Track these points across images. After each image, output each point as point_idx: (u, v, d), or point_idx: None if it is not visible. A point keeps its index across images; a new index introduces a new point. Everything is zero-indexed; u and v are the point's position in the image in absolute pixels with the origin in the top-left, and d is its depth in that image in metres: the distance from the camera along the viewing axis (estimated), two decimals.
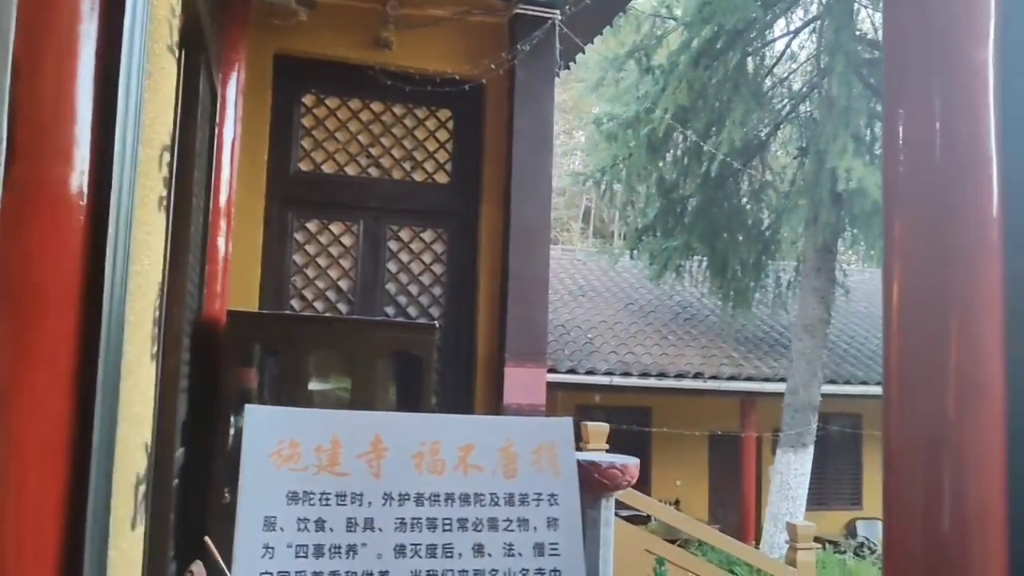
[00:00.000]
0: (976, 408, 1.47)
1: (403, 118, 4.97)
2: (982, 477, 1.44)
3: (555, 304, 13.12)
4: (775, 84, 11.63)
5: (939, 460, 1.46)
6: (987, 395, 1.48)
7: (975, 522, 1.42)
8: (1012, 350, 1.50)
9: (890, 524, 1.55)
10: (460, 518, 2.06)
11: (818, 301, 10.23)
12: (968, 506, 1.42)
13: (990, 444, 1.46)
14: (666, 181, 11.43)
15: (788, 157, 12.62)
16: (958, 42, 1.60)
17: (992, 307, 1.53)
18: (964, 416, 1.46)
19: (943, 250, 1.56)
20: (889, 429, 1.56)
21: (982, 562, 1.42)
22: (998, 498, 1.43)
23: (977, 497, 1.43)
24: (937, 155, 1.60)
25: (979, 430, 1.46)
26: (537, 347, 4.86)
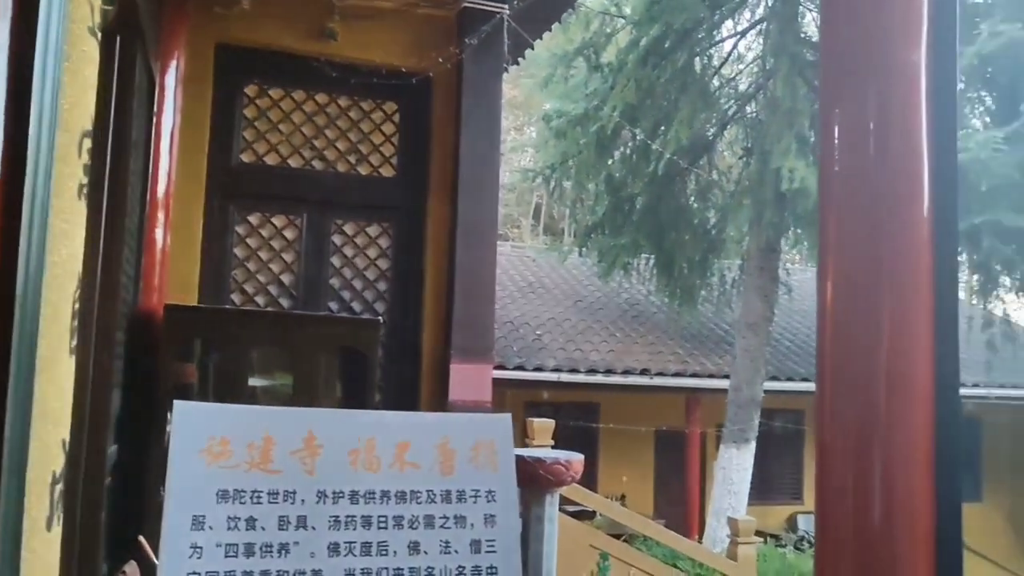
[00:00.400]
0: (905, 403, 1.51)
1: (348, 110, 4.90)
2: (910, 470, 1.48)
3: (504, 301, 13.12)
4: (722, 84, 11.77)
5: (870, 453, 1.50)
6: (916, 390, 1.51)
7: (903, 513, 1.46)
8: (939, 346, 1.54)
9: (823, 516, 1.58)
10: (396, 516, 2.03)
11: (761, 299, 10.39)
12: (897, 498, 1.47)
13: (918, 438, 1.49)
14: (615, 179, 11.49)
15: (734, 157, 12.79)
16: (892, 46, 1.63)
17: (922, 304, 1.56)
18: (894, 411, 1.50)
19: (876, 249, 1.59)
20: (822, 423, 1.60)
21: (910, 552, 1.46)
22: (925, 490, 1.47)
23: (905, 489, 1.47)
24: (871, 156, 1.62)
25: (908, 424, 1.50)
26: (484, 344, 4.84)
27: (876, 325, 1.55)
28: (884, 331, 1.55)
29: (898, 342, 1.54)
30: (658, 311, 13.85)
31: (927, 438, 1.48)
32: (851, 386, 1.57)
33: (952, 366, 1.54)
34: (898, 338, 1.54)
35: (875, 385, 1.52)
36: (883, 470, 1.48)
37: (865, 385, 1.53)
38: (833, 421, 1.60)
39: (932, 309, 1.55)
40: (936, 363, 1.53)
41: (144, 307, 3.90)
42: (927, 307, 1.55)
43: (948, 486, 1.47)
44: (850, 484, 1.52)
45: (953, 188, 1.64)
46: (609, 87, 10.11)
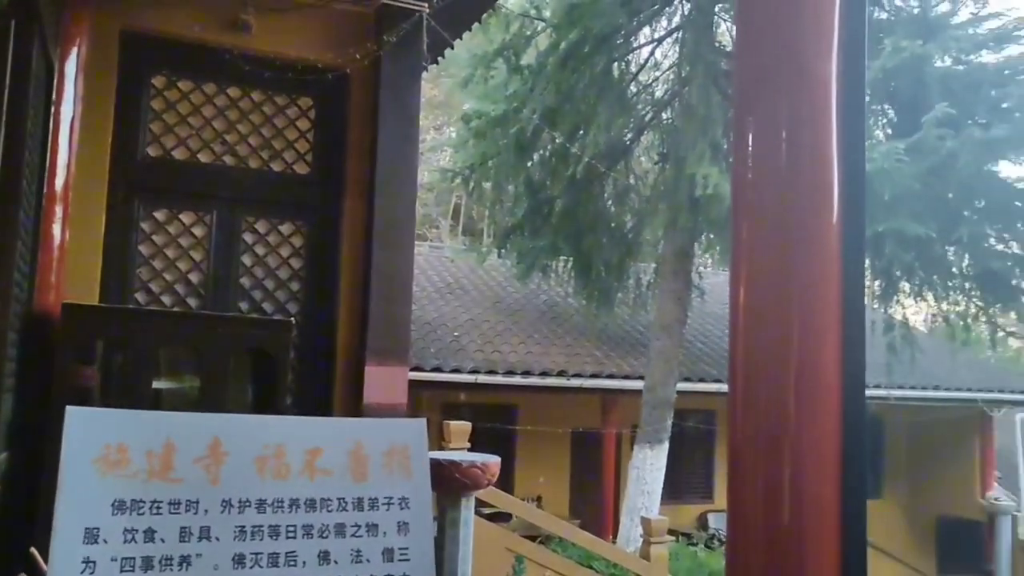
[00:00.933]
0: (814, 405, 1.53)
1: (262, 105, 4.77)
2: (819, 469, 1.50)
3: (421, 302, 13.02)
4: (639, 90, 11.93)
5: (780, 453, 1.51)
6: (825, 392, 1.53)
7: (812, 511, 1.48)
8: (847, 349, 1.57)
9: (734, 514, 1.60)
10: (305, 525, 1.97)
11: (675, 302, 10.57)
12: (805, 496, 1.48)
13: (826, 438, 1.51)
14: (534, 181, 11.52)
15: (650, 162, 12.99)
16: (804, 57, 1.65)
17: (831, 309, 1.58)
18: (803, 412, 1.52)
19: (787, 254, 1.60)
20: (735, 424, 1.61)
21: (817, 549, 1.48)
22: (833, 490, 1.49)
23: (814, 488, 1.49)
24: (783, 164, 1.64)
25: (817, 425, 1.52)
26: (400, 345, 4.77)
27: (787, 329, 1.57)
28: (794, 334, 1.57)
29: (808, 345, 1.56)
30: (576, 313, 13.95)
31: (835, 438, 1.51)
32: (762, 388, 1.59)
33: (859, 369, 1.57)
34: (808, 341, 1.56)
35: (785, 387, 1.54)
36: (792, 469, 1.50)
37: (776, 387, 1.55)
38: (745, 422, 1.61)
39: (840, 313, 1.58)
40: (843, 366, 1.56)
41: (39, 306, 3.70)
42: (835, 311, 1.57)
43: (854, 484, 1.50)
44: (761, 483, 1.54)
45: (861, 196, 1.67)
46: (529, 89, 10.14)
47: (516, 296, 14.43)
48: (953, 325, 10.28)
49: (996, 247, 9.32)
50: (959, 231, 8.71)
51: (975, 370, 15.30)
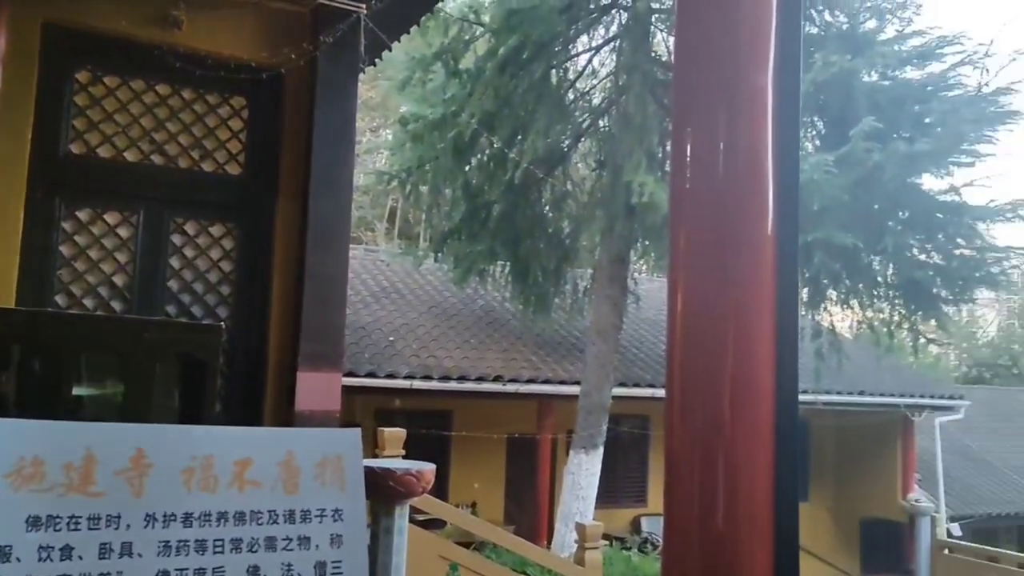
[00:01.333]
0: (749, 412, 1.54)
1: (192, 103, 4.64)
2: (753, 473, 1.51)
3: (356, 306, 12.86)
4: (577, 98, 12.02)
5: (715, 458, 1.52)
6: (759, 397, 1.54)
7: (746, 515, 1.49)
8: (780, 355, 1.58)
9: (670, 520, 1.60)
10: (234, 539, 1.90)
11: (611, 308, 10.66)
12: (740, 500, 1.50)
13: (760, 442, 1.52)
14: (472, 185, 11.49)
15: (588, 169, 13.09)
16: (741, 69, 1.66)
17: (765, 318, 1.59)
18: (738, 419, 1.53)
19: (723, 263, 1.61)
20: (671, 431, 1.61)
21: (751, 552, 1.49)
22: (766, 492, 1.51)
23: (748, 491, 1.50)
24: (720, 173, 1.65)
25: (751, 433, 1.53)
26: (334, 350, 4.68)
27: (723, 335, 1.58)
28: (730, 341, 1.58)
29: (743, 351, 1.57)
30: (512, 318, 13.96)
31: (768, 443, 1.52)
32: (699, 394, 1.59)
33: (792, 374, 1.59)
34: (743, 347, 1.57)
35: (721, 392, 1.55)
36: (727, 473, 1.51)
37: (712, 392, 1.56)
38: (682, 427, 1.61)
39: (775, 321, 1.60)
40: (777, 373, 1.57)
41: None
42: (770, 319, 1.59)
43: (787, 488, 1.52)
44: (697, 487, 1.54)
45: (795, 206, 1.69)
46: (467, 93, 10.11)
47: (452, 301, 14.37)
48: (877, 332, 10.59)
49: (918, 257, 9.65)
50: (884, 241, 8.98)
51: (897, 376, 15.81)
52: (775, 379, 1.58)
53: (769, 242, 1.64)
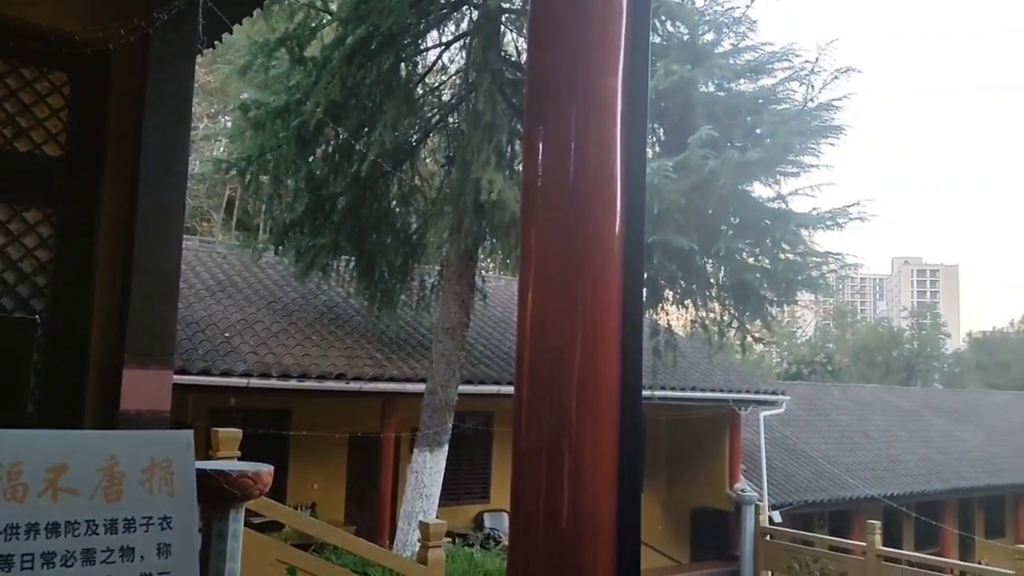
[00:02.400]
0: (595, 409, 1.55)
1: (5, 77, 4.24)
2: (597, 468, 1.53)
3: (189, 299, 12.25)
4: (426, 93, 11.93)
5: (561, 456, 1.53)
6: (605, 394, 1.57)
7: (590, 509, 1.51)
8: (626, 354, 1.61)
9: (516, 516, 1.60)
10: (46, 552, 1.72)
11: (459, 305, 10.66)
12: (584, 495, 1.51)
13: (605, 439, 1.55)
14: (316, 177, 11.17)
15: (436, 165, 13.04)
16: (591, 71, 1.68)
17: (612, 317, 1.62)
18: (584, 416, 1.54)
19: (572, 262, 1.62)
20: (519, 427, 1.62)
21: (593, 551, 1.51)
22: (609, 494, 1.53)
23: (592, 491, 1.52)
24: (570, 173, 1.66)
25: (597, 431, 1.55)
26: (164, 346, 4.42)
27: (571, 333, 1.59)
28: (578, 339, 1.59)
29: (591, 349, 1.58)
30: (357, 314, 13.72)
31: (613, 439, 1.55)
32: (547, 390, 1.60)
33: (636, 372, 1.62)
34: (591, 345, 1.59)
35: (568, 389, 1.56)
36: (573, 469, 1.52)
37: (560, 389, 1.57)
38: (529, 423, 1.61)
39: (621, 320, 1.62)
40: (623, 369, 1.59)
41: None
42: (616, 317, 1.61)
43: (630, 484, 1.55)
44: (543, 483, 1.55)
45: (641, 207, 1.72)
46: (313, 82, 9.81)
47: (294, 296, 13.93)
48: (709, 331, 11.14)
49: (747, 260, 10.22)
50: (717, 244, 9.45)
51: (727, 372, 16.74)
52: (621, 377, 1.60)
53: (617, 241, 1.66)
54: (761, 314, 10.80)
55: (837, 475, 19.70)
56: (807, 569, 14.59)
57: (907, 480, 20.98)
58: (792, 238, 9.94)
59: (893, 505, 19.16)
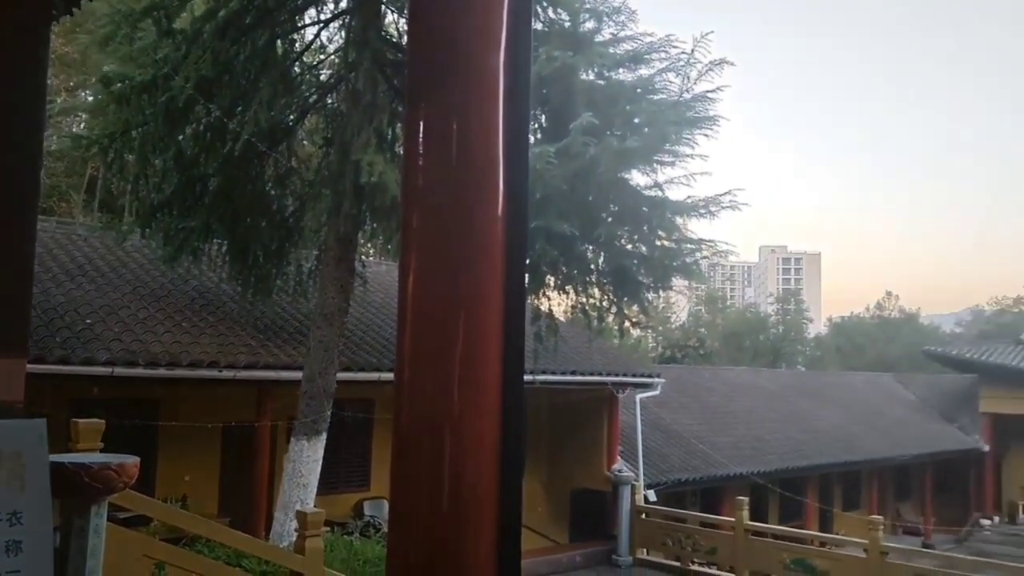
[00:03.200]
0: (477, 395, 1.54)
1: None
2: (479, 458, 1.53)
3: (46, 284, 11.54)
4: (304, 71, 11.60)
5: (442, 442, 1.51)
6: (487, 383, 1.56)
7: (472, 495, 1.51)
8: (508, 339, 1.59)
9: (396, 502, 1.58)
10: None
11: (338, 290, 10.45)
12: (465, 484, 1.51)
13: (487, 429, 1.54)
14: (186, 156, 10.67)
15: (314, 146, 12.71)
16: (473, 49, 1.65)
17: (494, 302, 1.59)
18: (466, 402, 1.53)
19: (454, 246, 1.59)
20: (400, 415, 1.59)
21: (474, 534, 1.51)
22: (491, 477, 1.53)
23: (473, 476, 1.51)
24: (453, 154, 1.63)
25: (478, 416, 1.54)
26: (16, 332, 4.10)
27: (453, 318, 1.58)
28: (460, 324, 1.57)
29: (472, 334, 1.57)
30: (230, 300, 13.24)
31: (494, 424, 1.54)
32: (428, 376, 1.57)
33: (519, 357, 1.61)
34: (473, 331, 1.57)
35: (450, 375, 1.54)
36: (454, 454, 1.51)
37: (441, 375, 1.55)
38: (410, 410, 1.59)
39: (503, 304, 1.60)
40: (504, 354, 1.58)
41: None
42: (498, 302, 1.60)
43: (511, 467, 1.54)
44: (424, 469, 1.53)
45: (524, 190, 1.71)
46: (183, 56, 9.34)
47: (162, 281, 13.30)
48: (589, 316, 11.34)
49: (626, 247, 10.45)
50: (598, 231, 9.61)
51: (605, 356, 17.11)
52: (503, 362, 1.59)
53: (499, 225, 1.64)
54: (638, 299, 11.07)
55: (708, 454, 20.53)
56: (680, 545, 15.16)
57: (773, 458, 22.09)
58: (668, 225, 10.21)
59: (760, 482, 20.15)
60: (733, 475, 19.94)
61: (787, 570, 13.81)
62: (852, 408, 29.78)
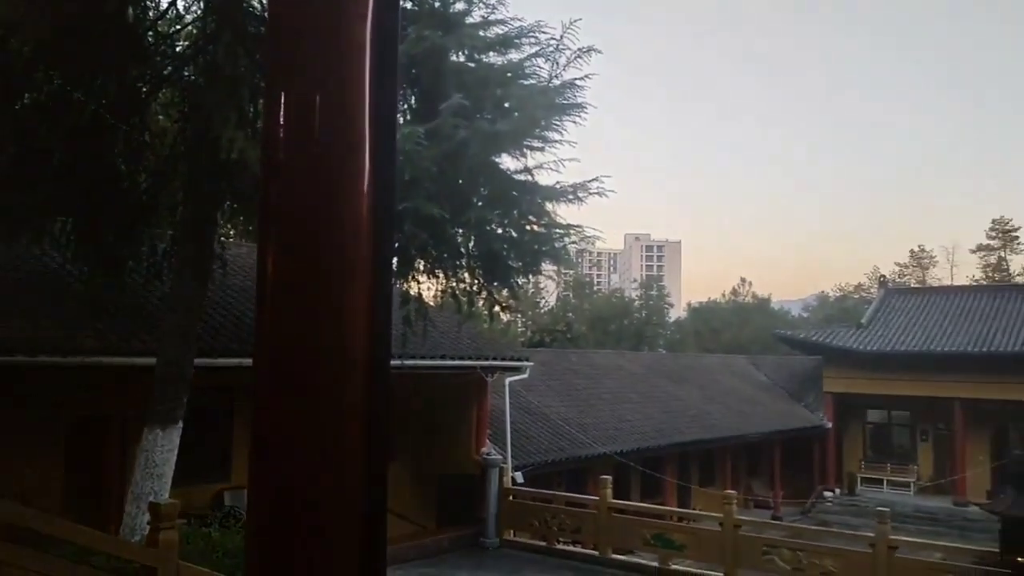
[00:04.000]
0: (342, 381, 1.48)
1: None
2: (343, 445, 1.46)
3: None
4: (158, 41, 10.94)
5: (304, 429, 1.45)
6: (352, 369, 1.49)
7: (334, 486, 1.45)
8: (375, 323, 1.53)
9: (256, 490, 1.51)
10: None
11: (195, 273, 9.98)
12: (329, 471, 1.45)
13: (352, 415, 1.48)
14: (25, 126, 9.87)
15: (169, 120, 12.03)
16: (339, 21, 1.57)
17: (360, 284, 1.53)
18: (331, 388, 1.47)
19: (317, 225, 1.52)
20: (261, 401, 1.52)
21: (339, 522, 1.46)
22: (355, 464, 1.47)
23: (337, 463, 1.45)
24: (316, 129, 1.54)
25: (344, 401, 1.47)
26: None
27: (315, 301, 1.50)
28: (323, 307, 1.50)
29: (337, 318, 1.50)
30: (76, 282, 12.41)
31: (361, 409, 1.49)
32: (290, 361, 1.49)
33: (385, 341, 1.56)
34: (337, 314, 1.51)
35: (313, 360, 1.48)
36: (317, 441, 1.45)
37: (304, 360, 1.48)
38: (271, 396, 1.51)
39: (369, 286, 1.55)
40: (371, 338, 1.53)
41: None
42: (365, 284, 1.55)
43: (377, 453, 1.51)
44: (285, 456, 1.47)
45: (392, 167, 1.66)
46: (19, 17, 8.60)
47: None
48: (459, 300, 11.30)
49: (496, 231, 10.44)
50: (468, 214, 9.56)
51: (475, 341, 17.17)
52: (369, 346, 1.54)
53: (365, 203, 1.58)
54: (508, 283, 11.11)
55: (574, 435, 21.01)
56: (546, 525, 15.43)
57: (635, 437, 22.86)
58: (538, 210, 10.28)
59: (623, 460, 20.79)
60: (598, 455, 20.52)
61: (648, 545, 14.31)
62: (709, 389, 31.22)
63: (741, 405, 30.42)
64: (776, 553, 13.14)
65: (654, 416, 25.44)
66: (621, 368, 29.81)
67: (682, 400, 28.31)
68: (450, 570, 14.00)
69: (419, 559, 14.32)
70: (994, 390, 29.08)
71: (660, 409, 26.43)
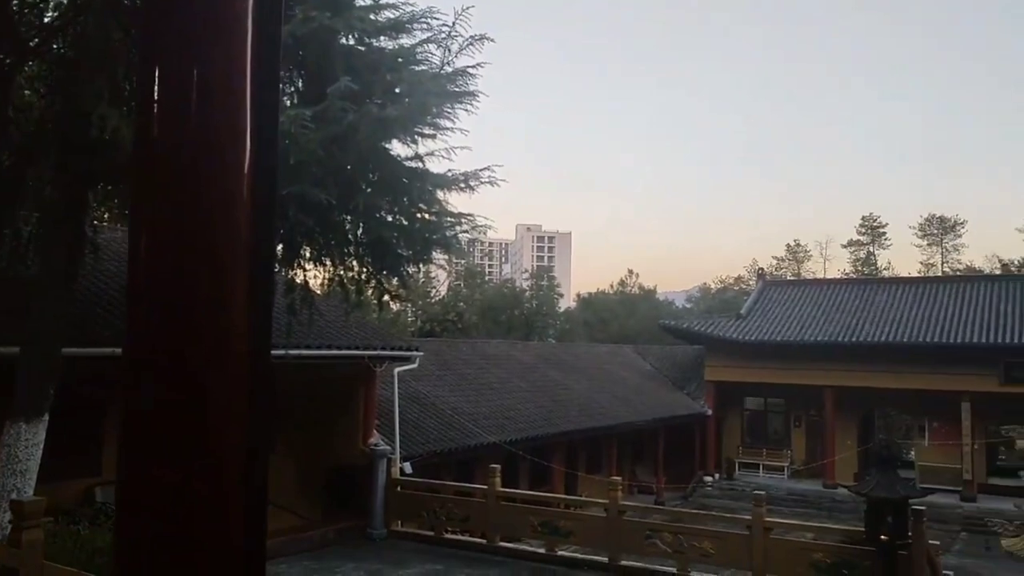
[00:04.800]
0: (220, 371, 1.41)
1: None
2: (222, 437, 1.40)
3: None
4: (22, 10, 10.26)
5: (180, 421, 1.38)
6: (231, 358, 1.42)
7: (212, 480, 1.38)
8: (254, 312, 1.46)
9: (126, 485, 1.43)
10: None
11: (64, 257, 9.44)
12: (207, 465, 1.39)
13: (232, 406, 1.41)
14: None
15: (36, 95, 11.32)
16: None
17: (240, 270, 1.46)
18: (209, 378, 1.40)
19: (194, 207, 1.44)
20: (132, 392, 1.43)
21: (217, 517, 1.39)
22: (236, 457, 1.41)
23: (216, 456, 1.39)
24: (192, 104, 1.46)
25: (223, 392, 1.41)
26: None
27: (192, 288, 1.43)
28: (200, 294, 1.43)
29: (215, 305, 1.43)
30: None
31: (241, 400, 1.43)
32: (164, 351, 1.40)
33: (266, 330, 1.50)
34: (215, 301, 1.43)
35: (190, 349, 1.40)
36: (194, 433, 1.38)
37: (180, 350, 1.40)
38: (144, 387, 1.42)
39: (249, 273, 1.48)
40: (251, 327, 1.47)
41: None
42: (244, 271, 1.48)
43: (258, 445, 1.45)
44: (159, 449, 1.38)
45: (274, 147, 1.59)
46: None
47: None
48: (347, 288, 11.10)
49: (386, 218, 10.31)
50: (356, 200, 9.39)
51: (363, 330, 16.94)
52: (249, 335, 1.47)
53: (246, 184, 1.50)
54: (398, 272, 11.00)
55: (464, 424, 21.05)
56: (435, 515, 15.40)
57: (524, 426, 23.10)
58: (428, 198, 10.21)
59: (512, 449, 20.98)
60: (487, 444, 20.63)
61: (536, 532, 14.49)
62: (596, 378, 31.85)
63: (627, 394, 31.19)
64: (658, 537, 13.54)
65: (543, 405, 25.77)
66: (511, 357, 30.05)
67: (571, 389, 28.79)
68: (335, 561, 13.78)
69: (304, 551, 14.05)
70: (861, 378, 30.82)
71: (549, 398, 26.80)
